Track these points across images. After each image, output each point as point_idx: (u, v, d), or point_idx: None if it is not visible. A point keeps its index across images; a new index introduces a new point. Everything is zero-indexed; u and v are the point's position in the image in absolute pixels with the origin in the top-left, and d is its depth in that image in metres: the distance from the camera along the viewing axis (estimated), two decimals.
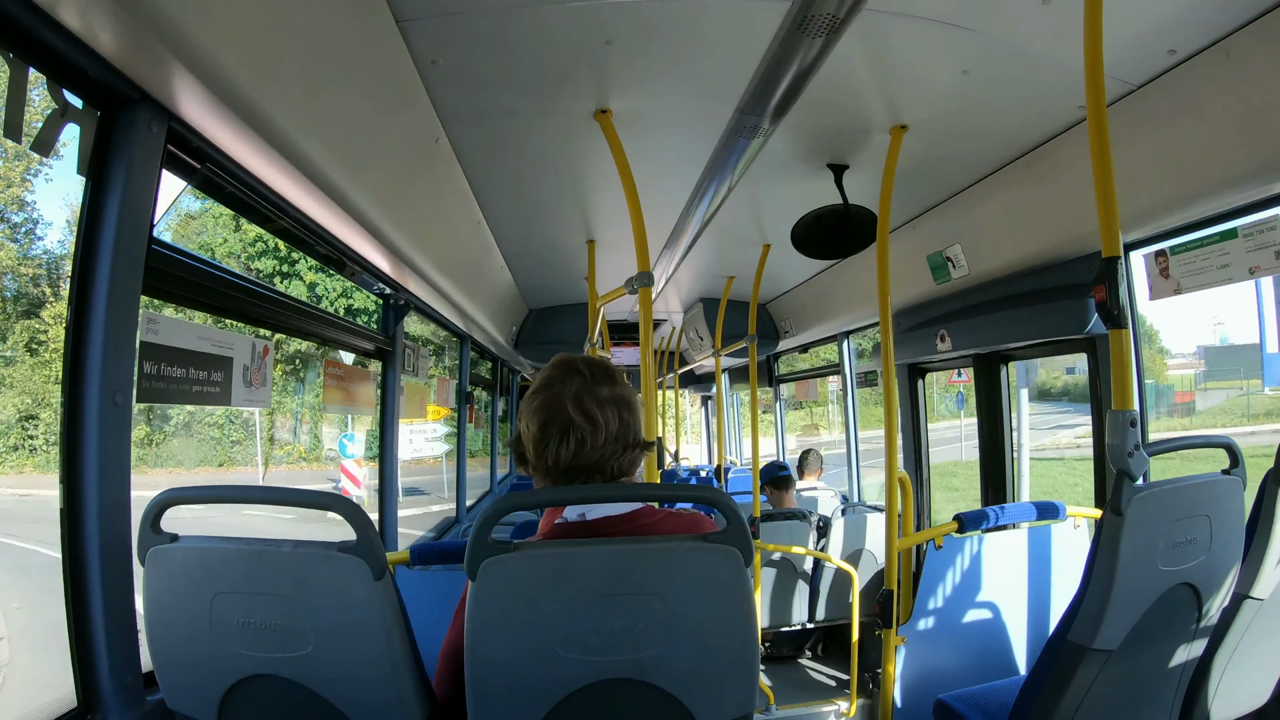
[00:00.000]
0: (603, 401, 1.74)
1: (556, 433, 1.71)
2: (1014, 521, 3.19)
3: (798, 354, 8.35)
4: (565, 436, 1.71)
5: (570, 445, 1.71)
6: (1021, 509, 3.18)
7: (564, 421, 1.71)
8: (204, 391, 2.40)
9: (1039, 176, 3.45)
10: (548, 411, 1.73)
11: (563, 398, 1.73)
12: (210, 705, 1.69)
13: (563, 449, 1.71)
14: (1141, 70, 2.66)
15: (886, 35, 2.53)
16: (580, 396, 1.73)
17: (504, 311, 6.79)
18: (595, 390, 1.75)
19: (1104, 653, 2.13)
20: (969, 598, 3.26)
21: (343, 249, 3.33)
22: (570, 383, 1.75)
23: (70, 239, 12.32)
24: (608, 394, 1.76)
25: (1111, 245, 2.06)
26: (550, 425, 1.72)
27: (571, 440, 1.71)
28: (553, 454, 1.72)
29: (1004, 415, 4.74)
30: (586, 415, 1.72)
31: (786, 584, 5.41)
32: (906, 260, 4.58)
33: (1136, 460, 2.05)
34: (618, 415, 1.76)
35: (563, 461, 1.72)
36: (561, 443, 1.71)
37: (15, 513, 18.15)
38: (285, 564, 1.60)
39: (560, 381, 1.76)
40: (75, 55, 1.65)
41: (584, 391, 1.74)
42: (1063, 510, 3.17)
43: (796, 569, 5.41)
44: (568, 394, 1.73)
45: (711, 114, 3.01)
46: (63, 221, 24.48)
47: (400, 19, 2.35)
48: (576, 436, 1.71)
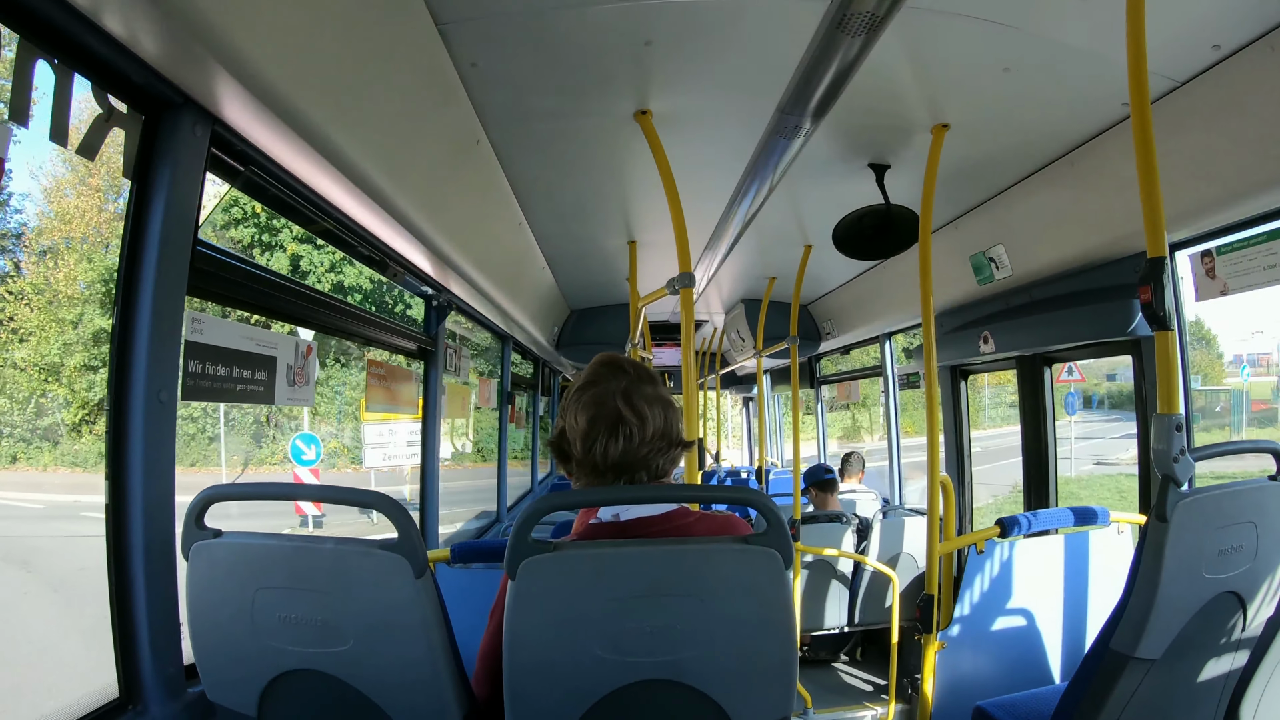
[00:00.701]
0: (649, 399, 1.77)
1: (605, 428, 1.73)
2: (1057, 526, 3.14)
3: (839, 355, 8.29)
4: (615, 431, 1.72)
5: (619, 440, 1.72)
6: (1065, 514, 3.13)
7: (613, 416, 1.73)
8: (248, 390, 2.44)
9: (1082, 175, 3.39)
10: (596, 406, 1.74)
11: (611, 393, 1.75)
12: (250, 698, 1.72)
13: (611, 444, 1.72)
14: (1185, 66, 2.61)
15: (927, 33, 2.51)
16: (629, 393, 1.75)
17: (545, 312, 6.82)
18: (641, 388, 1.77)
19: (1146, 661, 2.09)
20: (1010, 603, 3.22)
21: (385, 250, 3.37)
22: (617, 379, 1.77)
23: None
24: (651, 393, 1.78)
25: (1156, 245, 2.02)
26: (599, 420, 1.73)
27: (620, 435, 1.72)
28: (600, 449, 1.73)
29: (1047, 419, 4.67)
30: (635, 410, 1.74)
31: (825, 587, 5.37)
32: (949, 261, 4.53)
33: (1182, 465, 2.00)
34: (663, 413, 1.78)
35: (611, 457, 1.73)
36: (610, 438, 1.72)
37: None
38: (327, 560, 1.62)
39: (607, 378, 1.78)
40: (119, 61, 1.68)
41: (631, 388, 1.76)
42: (1106, 515, 3.12)
43: (835, 572, 5.37)
44: (616, 390, 1.75)
45: (752, 114, 3.00)
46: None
47: (439, 22, 2.37)
48: (625, 432, 1.72)
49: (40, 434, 18.93)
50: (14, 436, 18.81)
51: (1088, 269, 3.77)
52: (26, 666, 9.70)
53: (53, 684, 9.08)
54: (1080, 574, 3.24)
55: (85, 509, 15.33)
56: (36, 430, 18.86)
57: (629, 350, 5.04)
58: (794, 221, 4.73)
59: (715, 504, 2.01)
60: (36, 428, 18.84)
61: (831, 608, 5.41)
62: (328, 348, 18.92)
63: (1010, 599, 3.21)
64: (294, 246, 23.98)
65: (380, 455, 10.07)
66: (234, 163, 2.23)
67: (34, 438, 18.93)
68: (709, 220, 4.28)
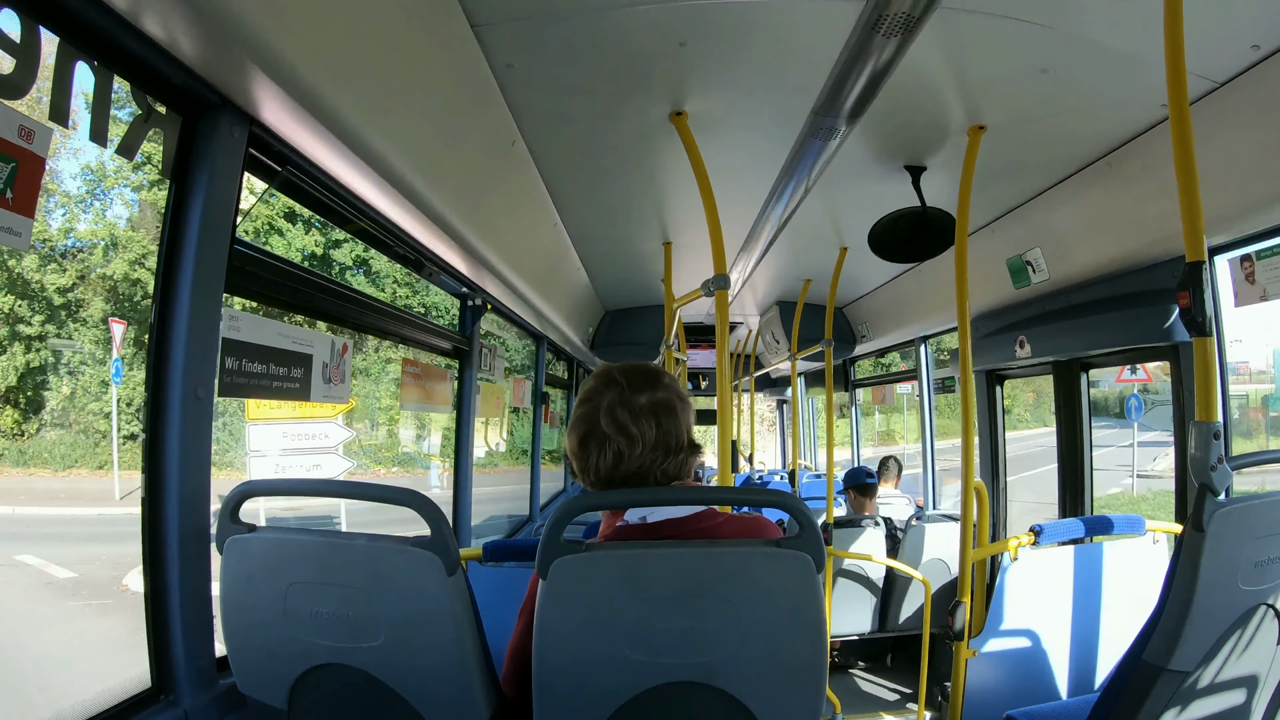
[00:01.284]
0: (639, 411, 1.76)
1: (595, 446, 1.76)
2: (1091, 534, 3.11)
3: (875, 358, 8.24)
4: (602, 449, 1.75)
5: (608, 457, 1.75)
6: (1101, 522, 3.09)
7: (600, 435, 1.75)
8: (284, 387, 2.47)
9: (1120, 177, 3.34)
10: (585, 425, 1.77)
11: (598, 411, 1.76)
12: (281, 691, 1.75)
13: (601, 461, 1.75)
14: (1224, 66, 2.56)
15: (963, 34, 2.48)
16: (613, 409, 1.76)
17: (581, 313, 6.84)
18: (632, 400, 1.77)
19: (1180, 674, 2.05)
20: (1043, 612, 3.18)
21: (421, 250, 3.40)
22: (606, 394, 1.78)
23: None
24: (645, 402, 1.77)
25: (1195, 249, 1.98)
26: (589, 439, 1.76)
27: (609, 452, 1.75)
28: (593, 466, 1.76)
29: (1083, 425, 4.61)
30: (619, 427, 1.74)
31: (857, 592, 5.34)
32: (985, 264, 4.48)
33: (1220, 474, 1.96)
34: (654, 424, 1.77)
35: (603, 473, 1.76)
36: (600, 455, 1.75)
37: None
38: (360, 556, 1.64)
39: (598, 394, 1.80)
40: (159, 63, 1.71)
41: (617, 403, 1.76)
42: (1142, 524, 3.07)
43: (868, 577, 5.35)
44: (603, 407, 1.76)
45: (787, 115, 3.00)
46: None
47: (475, 24, 2.39)
48: (613, 449, 1.74)
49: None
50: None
51: (1126, 273, 3.72)
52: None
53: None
54: (1115, 583, 3.19)
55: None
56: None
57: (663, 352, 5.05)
58: (829, 223, 4.70)
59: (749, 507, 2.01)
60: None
61: (862, 613, 5.38)
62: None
63: (1043, 607, 3.18)
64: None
65: (270, 466, 8.56)
66: (271, 163, 2.26)
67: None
68: (744, 222, 4.28)
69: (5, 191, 1.44)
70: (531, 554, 1.70)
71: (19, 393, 17.60)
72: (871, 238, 4.02)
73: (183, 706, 1.93)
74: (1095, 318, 3.92)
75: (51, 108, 1.57)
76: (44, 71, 1.53)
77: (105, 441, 17.28)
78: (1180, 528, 2.75)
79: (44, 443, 17.71)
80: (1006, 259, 4.36)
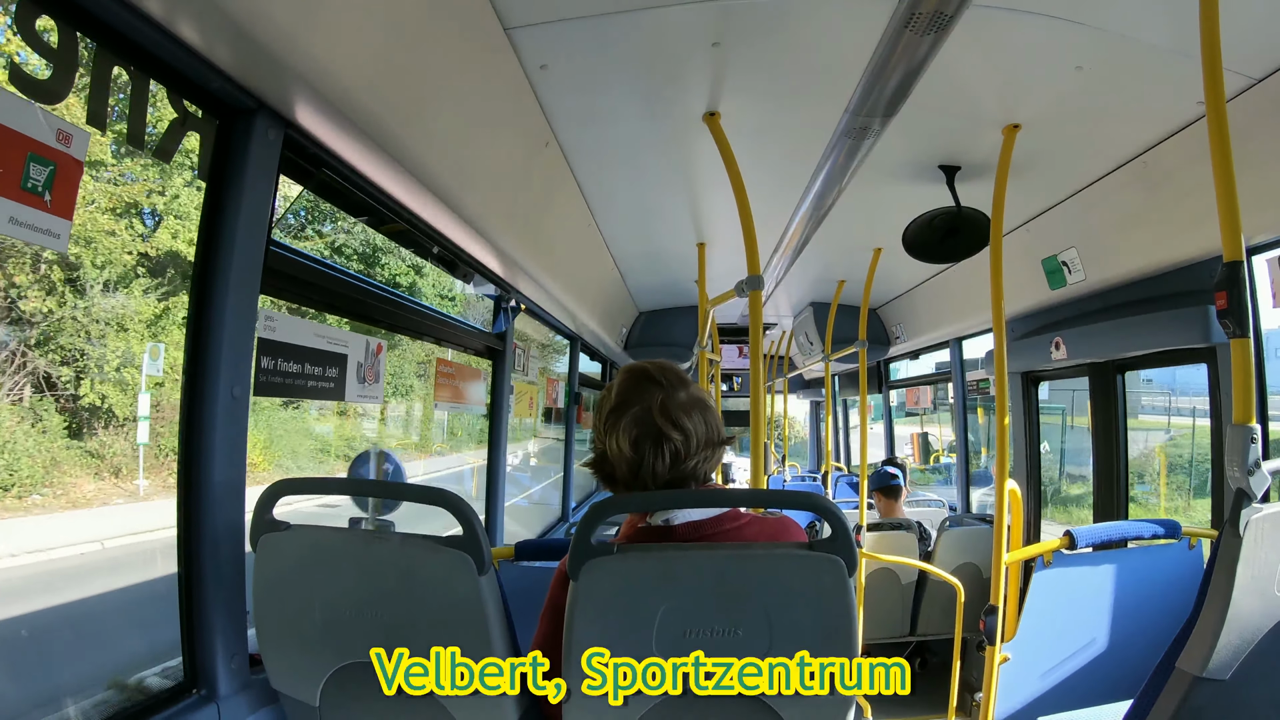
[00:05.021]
0: (687, 408, 1.74)
1: (651, 447, 1.70)
2: (1127, 539, 3.07)
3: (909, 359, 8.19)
4: (659, 450, 1.70)
5: (666, 458, 1.70)
6: (1136, 526, 3.05)
7: (657, 435, 1.70)
8: (319, 387, 2.50)
9: (1157, 176, 3.30)
10: (639, 426, 1.71)
11: (651, 411, 1.71)
12: (313, 688, 1.78)
13: (659, 463, 1.70)
14: (1262, 63, 2.52)
15: (996, 31, 2.47)
16: (667, 407, 1.72)
17: (614, 313, 6.86)
18: (676, 396, 1.74)
19: (1215, 682, 2.01)
20: (1076, 617, 3.14)
21: (455, 250, 3.43)
22: (653, 393, 1.74)
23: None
24: (685, 398, 1.75)
25: (1233, 249, 1.94)
26: (644, 440, 1.71)
27: (666, 453, 1.70)
28: (649, 469, 1.71)
29: (1120, 428, 4.54)
30: (677, 425, 1.71)
31: (888, 596, 5.31)
32: (1020, 264, 4.43)
33: (1258, 478, 1.92)
34: (703, 419, 1.75)
35: (661, 476, 1.71)
36: (657, 457, 1.70)
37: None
38: (392, 555, 1.66)
39: (641, 394, 1.75)
40: (195, 68, 1.73)
41: (669, 400, 1.73)
42: (1178, 529, 3.03)
43: (899, 581, 5.31)
44: (654, 406, 1.72)
45: (820, 115, 2.99)
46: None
47: (508, 26, 2.41)
48: (671, 449, 1.70)
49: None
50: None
51: (1162, 274, 3.67)
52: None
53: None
54: (1150, 588, 3.14)
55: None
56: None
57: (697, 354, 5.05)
58: (863, 224, 4.68)
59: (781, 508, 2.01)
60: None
61: (893, 617, 5.34)
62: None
63: (1077, 613, 3.13)
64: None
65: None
66: (307, 165, 2.29)
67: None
68: (778, 222, 4.27)
69: (44, 194, 1.48)
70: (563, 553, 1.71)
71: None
72: (906, 238, 4.00)
73: (215, 701, 1.96)
74: (1132, 319, 3.87)
75: (89, 112, 1.60)
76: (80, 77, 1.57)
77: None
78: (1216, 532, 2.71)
79: None
80: (1042, 259, 4.32)
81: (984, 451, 8.02)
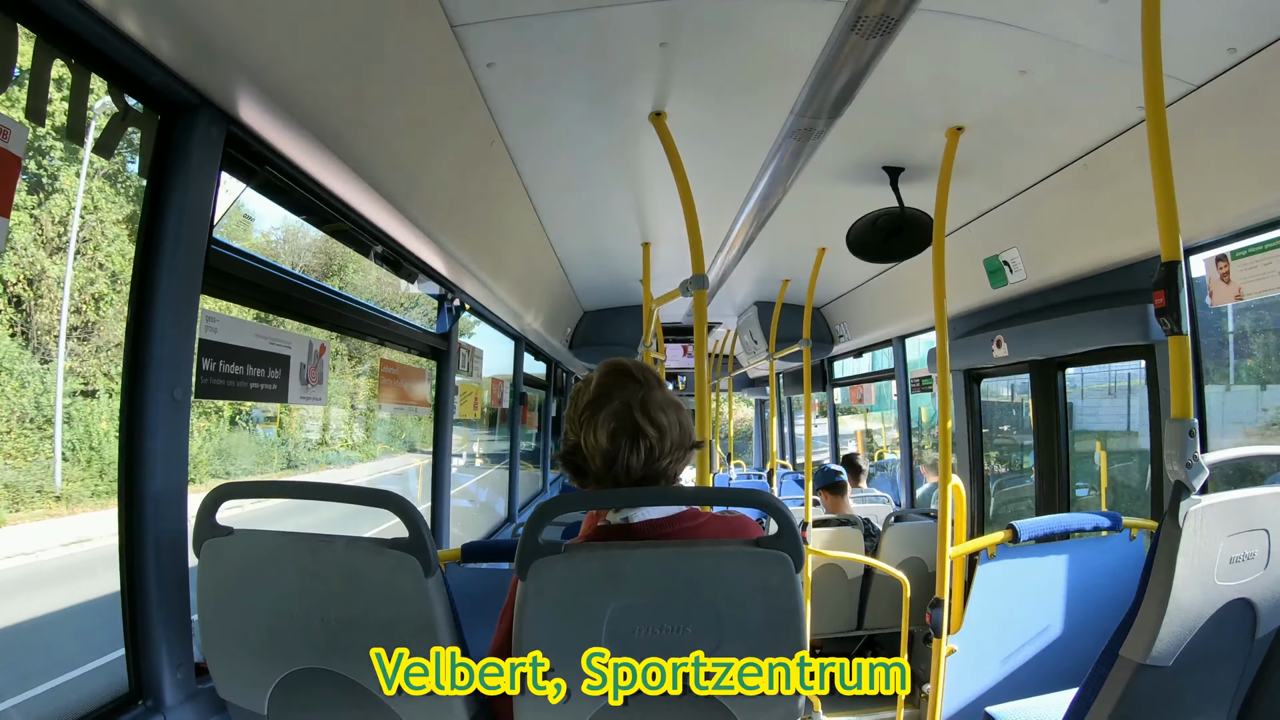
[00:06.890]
0: (664, 407, 1.74)
1: (627, 442, 1.69)
2: (1070, 531, 3.13)
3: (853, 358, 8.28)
4: (635, 445, 1.69)
5: (641, 454, 1.69)
6: (1078, 519, 3.12)
7: (634, 430, 1.69)
8: (261, 389, 2.45)
9: (1098, 179, 3.38)
10: (617, 420, 1.70)
11: (630, 406, 1.71)
12: (260, 696, 1.72)
13: (634, 459, 1.69)
14: (1201, 69, 2.59)
15: (942, 35, 2.50)
16: (645, 404, 1.71)
17: (559, 313, 6.83)
18: (654, 395, 1.74)
19: (1158, 669, 2.07)
20: (1021, 609, 3.20)
21: (399, 250, 3.39)
22: (632, 389, 1.73)
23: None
24: (663, 398, 1.75)
25: (1171, 249, 2.00)
26: (620, 435, 1.70)
27: (642, 449, 1.69)
28: (623, 464, 1.70)
29: (1061, 424, 4.64)
30: (654, 423, 1.71)
31: (835, 591, 5.35)
32: (963, 264, 4.51)
33: (1195, 470, 1.98)
34: (678, 419, 1.75)
35: (634, 472, 1.70)
36: (633, 453, 1.69)
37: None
38: (338, 559, 1.62)
39: (620, 389, 1.74)
40: (136, 62, 1.69)
41: (647, 398, 1.73)
42: (1119, 521, 3.10)
43: (845, 576, 5.36)
44: (634, 402, 1.71)
45: (766, 116, 3.01)
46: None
47: (455, 23, 2.38)
48: (646, 445, 1.69)
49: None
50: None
51: (1102, 273, 3.76)
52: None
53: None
54: (1093, 579, 3.22)
55: None
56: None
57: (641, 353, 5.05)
58: (808, 224, 4.72)
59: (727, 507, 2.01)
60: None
61: (841, 612, 5.39)
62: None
63: (1021, 604, 3.20)
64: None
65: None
66: (250, 163, 2.24)
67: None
68: (723, 222, 4.28)
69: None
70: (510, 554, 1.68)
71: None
72: (850, 238, 4.04)
73: (162, 711, 1.91)
74: (1072, 317, 3.96)
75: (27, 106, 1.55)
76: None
77: None
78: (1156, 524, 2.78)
79: None
80: (984, 259, 4.40)
81: (926, 447, 8.13)
